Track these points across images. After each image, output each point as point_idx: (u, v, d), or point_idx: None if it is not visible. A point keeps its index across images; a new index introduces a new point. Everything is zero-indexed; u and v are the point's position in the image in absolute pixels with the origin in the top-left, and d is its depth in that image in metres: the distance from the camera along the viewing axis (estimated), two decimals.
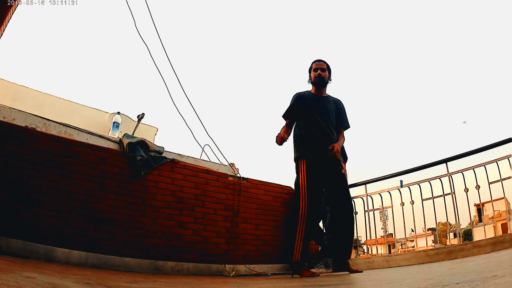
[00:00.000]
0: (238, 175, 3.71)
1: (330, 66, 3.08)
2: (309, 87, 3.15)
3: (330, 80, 3.07)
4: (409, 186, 3.90)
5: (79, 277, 1.60)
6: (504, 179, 3.25)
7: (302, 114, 2.98)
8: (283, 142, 2.88)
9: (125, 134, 3.25)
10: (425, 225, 4.62)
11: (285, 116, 3.06)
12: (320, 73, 3.01)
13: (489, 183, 3.35)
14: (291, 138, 3.04)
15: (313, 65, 3.07)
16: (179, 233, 3.13)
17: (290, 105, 3.06)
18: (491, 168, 3.32)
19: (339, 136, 3.05)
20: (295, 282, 2.19)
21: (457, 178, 3.56)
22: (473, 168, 3.45)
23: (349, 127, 3.13)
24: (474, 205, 4.14)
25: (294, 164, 2.98)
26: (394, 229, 4.23)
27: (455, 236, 3.76)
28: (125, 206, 2.88)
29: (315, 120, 2.93)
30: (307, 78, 3.11)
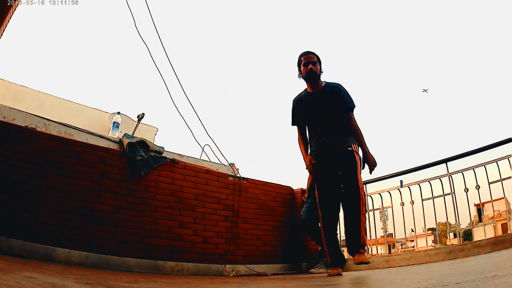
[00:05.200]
0: (238, 175, 3.71)
1: (319, 56, 2.90)
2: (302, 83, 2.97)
3: (322, 71, 2.89)
4: (409, 186, 3.90)
5: (79, 277, 1.60)
6: (504, 179, 3.25)
7: (302, 119, 2.93)
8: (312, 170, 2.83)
9: (125, 134, 3.25)
10: (425, 225, 4.62)
11: (292, 123, 3.00)
12: (312, 67, 2.80)
13: (489, 183, 3.35)
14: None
15: (302, 59, 2.86)
16: (179, 233, 3.13)
17: (292, 112, 2.98)
18: (491, 168, 3.32)
19: (350, 120, 2.83)
20: (295, 282, 2.19)
21: (457, 178, 3.56)
22: (473, 168, 3.45)
23: (353, 106, 2.86)
24: (474, 205, 4.14)
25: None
26: (394, 229, 4.23)
27: (455, 236, 3.76)
28: (125, 206, 2.88)
29: (313, 122, 2.86)
30: (297, 73, 2.92)
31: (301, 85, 3.06)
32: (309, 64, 2.80)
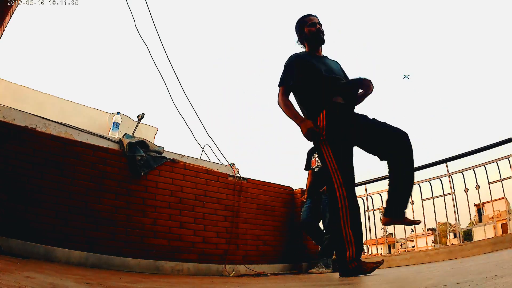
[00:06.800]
0: (238, 175, 3.71)
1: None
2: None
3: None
4: None
5: (79, 277, 1.60)
6: (504, 179, 3.25)
7: (307, 77, 2.30)
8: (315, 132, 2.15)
9: (125, 134, 3.25)
10: (425, 225, 4.62)
11: (287, 81, 2.36)
12: (319, 27, 2.40)
13: (489, 183, 3.35)
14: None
15: (307, 19, 2.45)
16: (179, 233, 3.13)
17: (290, 68, 2.37)
18: (491, 168, 3.33)
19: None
20: (294, 282, 2.19)
21: (457, 178, 3.56)
22: (473, 168, 3.45)
23: None
24: (474, 205, 4.14)
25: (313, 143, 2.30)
26: (394, 229, 4.23)
27: (455, 236, 3.77)
28: (125, 206, 2.88)
29: (326, 80, 2.24)
30: (296, 38, 2.50)
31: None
32: (316, 25, 2.41)
